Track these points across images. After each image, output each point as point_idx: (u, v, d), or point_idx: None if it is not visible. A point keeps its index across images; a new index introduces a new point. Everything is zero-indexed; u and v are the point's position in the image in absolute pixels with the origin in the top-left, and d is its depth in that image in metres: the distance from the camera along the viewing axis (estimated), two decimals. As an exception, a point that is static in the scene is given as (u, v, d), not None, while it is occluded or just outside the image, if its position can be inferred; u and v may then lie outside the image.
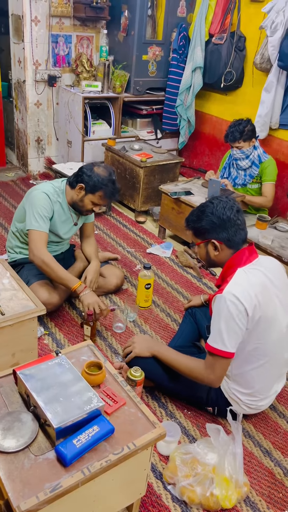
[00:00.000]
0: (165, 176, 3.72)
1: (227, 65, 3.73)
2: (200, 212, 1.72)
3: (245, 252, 1.67)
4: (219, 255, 1.71)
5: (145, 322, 2.49)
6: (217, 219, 1.66)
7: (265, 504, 1.61)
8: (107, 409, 1.34)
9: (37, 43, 3.88)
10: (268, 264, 1.71)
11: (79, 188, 2.24)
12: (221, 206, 1.66)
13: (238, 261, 1.66)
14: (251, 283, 1.60)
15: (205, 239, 1.72)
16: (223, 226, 1.66)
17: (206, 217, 1.68)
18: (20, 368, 1.35)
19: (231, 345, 1.58)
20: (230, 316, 1.56)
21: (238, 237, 1.67)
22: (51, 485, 1.11)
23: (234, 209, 1.66)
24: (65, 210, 2.35)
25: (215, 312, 1.61)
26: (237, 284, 1.59)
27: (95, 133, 4.05)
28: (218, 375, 1.63)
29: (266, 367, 1.71)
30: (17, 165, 4.61)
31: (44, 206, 2.21)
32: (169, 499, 1.58)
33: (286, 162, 3.60)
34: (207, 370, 1.64)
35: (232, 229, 1.66)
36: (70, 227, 2.44)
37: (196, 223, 1.73)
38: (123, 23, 3.98)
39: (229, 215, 1.65)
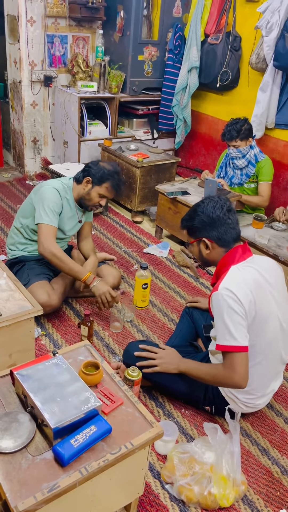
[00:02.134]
0: (161, 176, 3.72)
1: (222, 65, 3.73)
2: (193, 211, 1.76)
3: (239, 250, 1.68)
4: (211, 253, 1.73)
5: (142, 322, 2.50)
6: (207, 218, 1.69)
7: (262, 503, 1.61)
8: (105, 409, 1.34)
9: (32, 44, 3.87)
10: (263, 263, 1.72)
11: (86, 181, 2.30)
12: (211, 205, 1.70)
13: (232, 259, 1.67)
14: (245, 279, 1.61)
15: (197, 237, 1.75)
16: (213, 225, 1.69)
17: (197, 216, 1.72)
18: (17, 369, 1.35)
19: (241, 338, 1.57)
20: (231, 309, 1.56)
21: (229, 236, 1.69)
22: (48, 485, 1.11)
23: (224, 208, 1.69)
24: (72, 207, 2.39)
25: (216, 311, 1.61)
26: (231, 280, 1.60)
27: (91, 134, 4.05)
28: (241, 373, 1.58)
29: (263, 364, 1.72)
30: (13, 165, 4.61)
31: (55, 201, 2.26)
32: (167, 499, 1.58)
33: (282, 162, 3.61)
34: (228, 372, 1.60)
35: (222, 228, 1.68)
36: (74, 224, 2.47)
37: (189, 222, 1.77)
38: (119, 24, 3.98)
39: (218, 214, 1.68)
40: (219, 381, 1.68)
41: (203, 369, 1.74)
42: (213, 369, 1.70)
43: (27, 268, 2.36)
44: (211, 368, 1.72)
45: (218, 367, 1.68)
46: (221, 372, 1.64)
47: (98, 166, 2.30)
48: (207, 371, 1.72)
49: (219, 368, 1.66)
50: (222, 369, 1.64)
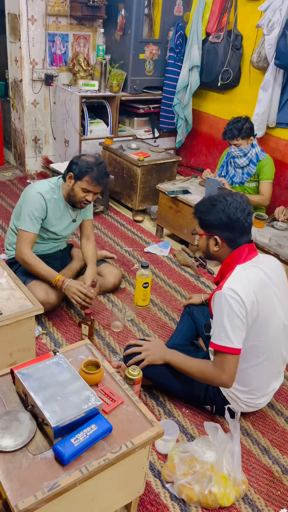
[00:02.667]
0: (162, 175, 3.72)
1: (224, 63, 3.73)
2: (211, 205, 1.67)
3: (245, 250, 1.66)
4: (219, 251, 1.70)
5: (143, 321, 2.49)
6: (227, 218, 1.63)
7: (263, 502, 1.61)
8: (105, 408, 1.34)
9: (33, 42, 3.87)
10: (268, 263, 1.71)
11: (68, 178, 2.26)
12: (234, 206, 1.63)
13: (238, 258, 1.65)
14: (250, 280, 1.60)
15: (209, 233, 1.70)
16: (230, 226, 1.64)
17: (216, 213, 1.65)
18: (17, 368, 1.34)
19: (237, 340, 1.57)
20: (232, 311, 1.55)
21: (242, 239, 1.66)
22: (49, 484, 1.11)
23: (245, 212, 1.63)
24: (62, 207, 2.35)
25: (217, 310, 1.60)
26: (236, 280, 1.58)
27: (92, 132, 4.05)
28: (229, 373, 1.60)
29: (264, 364, 1.72)
30: (14, 164, 4.60)
31: (35, 207, 2.23)
32: (167, 498, 1.58)
33: (283, 161, 3.60)
34: (217, 370, 1.62)
35: (238, 231, 1.64)
36: (68, 224, 2.43)
37: (205, 215, 1.69)
38: (120, 22, 3.97)
39: (239, 217, 1.62)
40: (205, 377, 1.68)
41: (191, 363, 1.73)
42: (202, 365, 1.70)
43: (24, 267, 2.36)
44: (200, 364, 1.72)
45: (208, 364, 1.68)
46: (210, 369, 1.65)
47: (79, 160, 2.24)
48: (195, 365, 1.72)
49: (208, 365, 1.67)
50: (211, 367, 1.65)
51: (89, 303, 2.27)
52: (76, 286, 2.24)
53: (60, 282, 2.24)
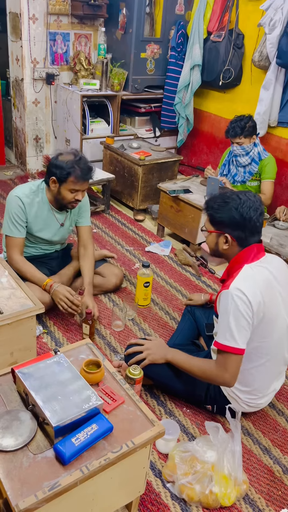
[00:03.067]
0: (163, 174, 3.72)
1: (225, 62, 3.72)
2: (224, 203, 1.65)
3: (254, 249, 1.64)
4: (227, 249, 1.68)
5: (144, 321, 2.49)
6: (239, 217, 1.61)
7: (264, 502, 1.61)
8: (106, 408, 1.34)
9: (35, 41, 3.87)
10: (274, 263, 1.70)
11: (52, 182, 2.18)
12: (248, 205, 1.60)
13: (246, 257, 1.63)
14: (257, 280, 1.59)
15: (220, 230, 1.68)
16: (242, 225, 1.62)
17: (229, 210, 1.62)
18: (18, 367, 1.34)
19: (242, 341, 1.57)
20: (239, 312, 1.54)
21: (253, 239, 1.65)
22: (49, 484, 1.11)
23: (258, 211, 1.61)
24: (46, 211, 2.28)
25: (223, 309, 1.59)
26: (244, 280, 1.57)
27: (93, 132, 4.04)
28: (232, 373, 1.60)
29: (267, 365, 1.71)
30: (15, 163, 4.60)
31: (14, 211, 2.19)
32: (168, 497, 1.58)
33: (284, 160, 3.59)
34: (220, 369, 1.61)
35: (249, 231, 1.62)
36: (56, 229, 2.36)
37: (216, 212, 1.67)
38: (121, 21, 3.97)
39: (251, 216, 1.60)
40: (207, 376, 1.67)
41: (193, 362, 1.73)
42: (203, 364, 1.70)
43: None
44: (202, 363, 1.71)
45: (210, 363, 1.68)
46: (212, 368, 1.64)
47: (57, 161, 2.13)
48: (197, 364, 1.71)
49: (211, 364, 1.66)
50: (214, 366, 1.64)
51: (75, 310, 2.22)
52: (63, 292, 2.20)
53: (48, 286, 2.22)
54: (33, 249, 2.40)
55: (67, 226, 2.41)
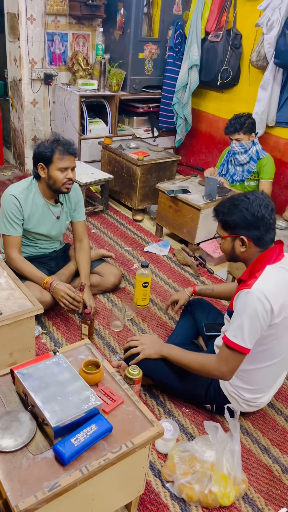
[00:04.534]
0: (162, 174, 3.72)
1: (223, 62, 3.72)
2: (233, 206, 1.63)
3: (276, 250, 1.63)
4: (245, 252, 1.65)
5: (143, 321, 2.50)
6: (251, 216, 1.59)
7: (263, 501, 1.61)
8: (105, 408, 1.34)
9: (32, 42, 3.86)
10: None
11: (40, 169, 2.20)
12: (257, 203, 1.59)
13: (269, 258, 1.61)
14: (279, 282, 1.57)
15: (234, 234, 1.65)
16: (256, 224, 1.59)
17: (239, 212, 1.61)
18: (17, 368, 1.34)
19: (250, 342, 1.57)
20: (255, 314, 1.53)
21: (268, 236, 1.62)
22: (49, 484, 1.11)
23: (269, 208, 1.60)
24: (41, 205, 2.30)
25: (241, 307, 1.57)
26: (267, 281, 1.55)
27: (91, 132, 4.04)
28: (231, 368, 1.61)
29: (275, 366, 1.71)
30: (13, 164, 4.60)
31: (10, 210, 2.20)
32: (167, 497, 1.58)
33: (282, 160, 3.60)
34: (220, 363, 1.62)
35: (264, 228, 1.60)
36: (52, 223, 2.37)
37: (227, 216, 1.65)
38: (119, 21, 3.96)
39: (263, 214, 1.58)
40: (206, 370, 1.68)
41: (190, 356, 1.74)
42: (201, 357, 1.71)
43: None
44: (200, 356, 1.72)
45: (210, 357, 1.68)
46: (212, 362, 1.65)
47: (38, 148, 2.18)
48: (194, 358, 1.72)
49: (210, 358, 1.67)
50: (214, 360, 1.65)
51: (76, 307, 2.25)
52: (64, 289, 2.22)
53: (48, 285, 2.23)
54: (32, 248, 2.40)
55: (63, 219, 2.42)
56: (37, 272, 2.26)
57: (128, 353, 1.85)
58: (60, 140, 2.17)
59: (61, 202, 2.37)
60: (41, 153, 2.16)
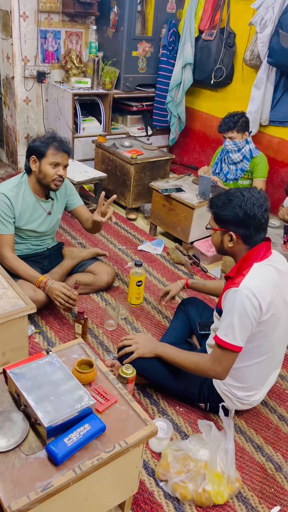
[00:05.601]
0: (155, 173, 3.71)
1: (217, 61, 3.72)
2: (228, 200, 1.63)
3: (263, 248, 1.63)
4: (233, 247, 1.66)
5: (136, 320, 2.49)
6: (243, 214, 1.59)
7: (257, 499, 1.61)
8: (98, 407, 1.33)
9: (25, 39, 3.84)
10: (280, 262, 1.69)
11: (32, 162, 2.21)
12: (251, 201, 1.59)
13: (256, 256, 1.62)
14: (267, 279, 1.58)
15: (224, 228, 1.66)
16: (246, 222, 1.60)
17: (232, 208, 1.61)
18: (10, 367, 1.34)
19: (242, 339, 1.57)
20: (245, 312, 1.54)
21: (258, 236, 1.63)
22: (42, 485, 1.10)
23: (263, 208, 1.59)
24: (32, 202, 2.29)
25: (229, 306, 1.58)
26: (254, 279, 1.56)
27: (85, 130, 4.03)
28: (225, 367, 1.62)
29: (265, 363, 1.72)
30: (6, 162, 4.57)
31: (1, 209, 2.20)
32: (161, 496, 1.58)
33: (276, 159, 3.61)
34: (214, 363, 1.63)
35: (254, 228, 1.60)
36: (43, 219, 2.36)
37: (220, 210, 1.65)
38: (113, 19, 3.95)
39: (256, 213, 1.58)
40: (200, 369, 1.68)
41: (184, 355, 1.74)
42: (195, 357, 1.71)
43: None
44: (194, 355, 1.72)
45: (204, 356, 1.69)
46: (206, 362, 1.65)
47: (34, 142, 2.20)
48: (188, 357, 1.72)
49: (204, 358, 1.68)
50: (208, 360, 1.65)
51: (72, 305, 2.25)
52: (59, 288, 2.21)
53: (43, 284, 2.23)
54: (24, 246, 2.39)
55: (55, 213, 2.42)
56: (31, 271, 2.25)
57: (122, 352, 1.84)
58: (56, 137, 2.20)
59: (52, 198, 2.37)
60: (36, 146, 2.18)
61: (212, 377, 1.72)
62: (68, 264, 2.54)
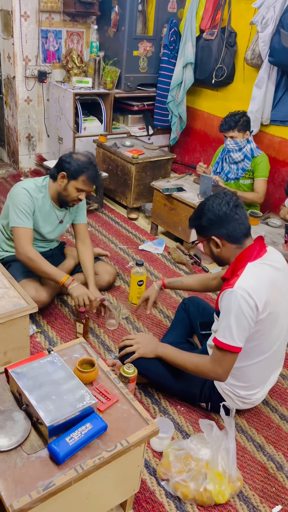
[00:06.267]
0: (157, 172, 3.71)
1: (218, 60, 3.72)
2: (198, 210, 1.71)
3: (256, 247, 1.64)
4: (222, 251, 1.68)
5: (137, 319, 2.49)
6: (214, 216, 1.64)
7: (258, 499, 1.61)
8: (100, 407, 1.33)
9: (26, 39, 3.84)
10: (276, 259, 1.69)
11: (61, 177, 2.21)
12: (217, 202, 1.65)
13: (249, 255, 1.63)
14: (262, 278, 1.58)
15: (206, 236, 1.70)
16: (220, 222, 1.64)
17: (204, 215, 1.68)
18: (12, 367, 1.34)
19: (240, 340, 1.58)
20: (241, 312, 1.54)
21: (239, 232, 1.64)
22: (44, 484, 1.10)
23: (230, 204, 1.64)
24: (48, 207, 2.30)
25: (225, 307, 1.59)
26: (248, 279, 1.56)
27: (86, 130, 4.03)
28: (225, 369, 1.63)
29: (266, 362, 1.72)
30: (7, 162, 4.58)
31: (24, 202, 2.19)
32: (162, 495, 1.58)
33: (277, 158, 3.61)
34: (214, 365, 1.63)
35: (231, 225, 1.63)
36: (55, 226, 2.38)
37: (196, 221, 1.72)
38: (114, 19, 3.95)
39: (225, 211, 1.63)
40: (201, 371, 1.69)
41: (185, 356, 1.75)
42: (196, 358, 1.71)
43: (13, 267, 2.32)
44: (195, 357, 1.73)
45: (204, 358, 1.69)
46: (207, 364, 1.66)
47: (71, 159, 2.18)
48: (190, 358, 1.73)
49: (205, 360, 1.68)
50: (208, 361, 1.66)
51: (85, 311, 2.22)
52: (87, 292, 2.21)
53: (69, 281, 2.20)
54: None
55: (65, 223, 2.44)
56: (55, 268, 2.23)
57: (123, 352, 1.85)
58: (93, 165, 2.20)
59: (67, 207, 2.38)
60: (71, 166, 2.17)
61: (213, 379, 1.73)
62: (70, 264, 2.55)
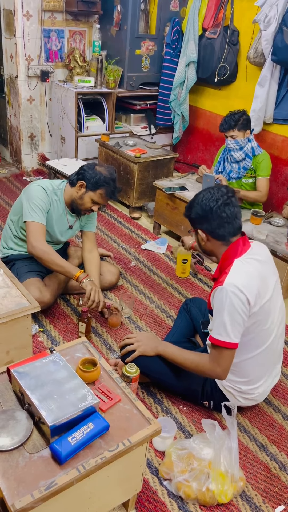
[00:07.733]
0: (159, 171, 3.71)
1: (220, 59, 3.71)
2: (191, 201, 1.75)
3: (240, 243, 1.67)
4: (207, 244, 1.73)
5: (140, 318, 2.49)
6: (201, 210, 1.68)
7: (260, 499, 1.61)
8: (102, 406, 1.33)
9: (29, 38, 3.84)
10: (261, 252, 1.72)
11: (79, 185, 2.22)
12: (207, 197, 1.67)
13: (234, 252, 1.66)
14: (250, 273, 1.60)
15: (195, 228, 1.76)
16: (206, 218, 1.67)
17: (193, 208, 1.72)
18: (14, 366, 1.34)
19: (235, 335, 1.59)
20: (233, 308, 1.56)
21: (223, 230, 1.66)
22: (46, 483, 1.10)
23: (219, 202, 1.64)
24: (60, 210, 2.32)
25: (218, 305, 1.60)
26: (237, 274, 1.59)
27: (88, 129, 4.03)
28: (224, 367, 1.64)
29: (262, 355, 1.73)
30: (10, 161, 4.58)
31: (40, 198, 2.20)
32: (165, 495, 1.58)
33: (280, 157, 3.59)
34: (213, 363, 1.65)
35: (215, 222, 1.65)
36: (65, 230, 2.40)
37: (187, 212, 1.78)
38: (116, 18, 3.95)
39: (212, 207, 1.65)
40: (200, 369, 1.70)
41: (185, 355, 1.75)
42: (196, 357, 1.72)
43: (17, 266, 2.33)
44: (195, 356, 1.73)
45: (203, 356, 1.70)
46: (206, 362, 1.67)
47: (94, 171, 2.20)
48: (190, 357, 1.74)
49: (204, 358, 1.69)
50: (207, 360, 1.67)
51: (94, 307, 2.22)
52: (99, 290, 2.22)
53: (84, 274, 2.21)
54: None
55: (74, 229, 2.45)
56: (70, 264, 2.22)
57: (124, 351, 1.85)
58: (114, 182, 2.23)
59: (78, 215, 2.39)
60: (92, 178, 2.18)
61: (212, 377, 1.74)
62: (73, 263, 2.54)
